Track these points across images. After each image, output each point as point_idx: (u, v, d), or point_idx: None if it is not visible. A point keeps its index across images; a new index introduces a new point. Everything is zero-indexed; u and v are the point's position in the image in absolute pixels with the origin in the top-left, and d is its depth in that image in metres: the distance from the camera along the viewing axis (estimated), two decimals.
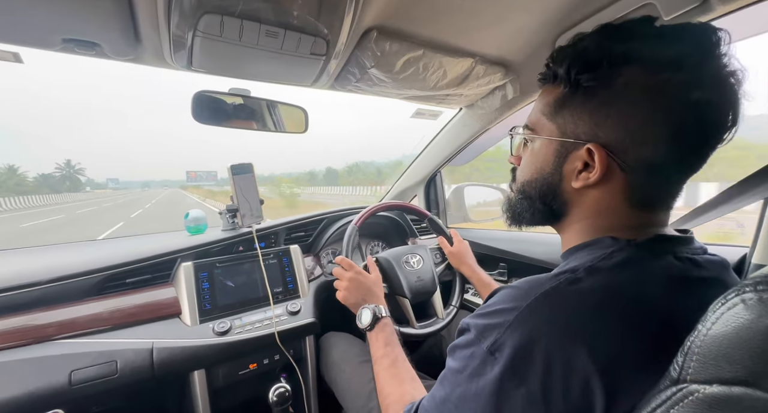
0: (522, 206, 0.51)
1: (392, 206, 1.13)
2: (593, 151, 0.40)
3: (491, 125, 1.14)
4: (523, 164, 0.51)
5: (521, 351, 0.34)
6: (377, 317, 0.77)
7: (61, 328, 0.75)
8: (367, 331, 0.77)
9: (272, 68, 0.67)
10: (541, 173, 0.46)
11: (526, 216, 0.51)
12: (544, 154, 0.46)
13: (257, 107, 0.84)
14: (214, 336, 0.87)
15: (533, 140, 0.48)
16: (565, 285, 0.37)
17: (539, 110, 0.47)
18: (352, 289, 0.83)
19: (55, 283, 0.78)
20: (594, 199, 0.43)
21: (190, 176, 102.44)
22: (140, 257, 0.89)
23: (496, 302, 0.41)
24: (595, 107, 0.40)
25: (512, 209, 0.53)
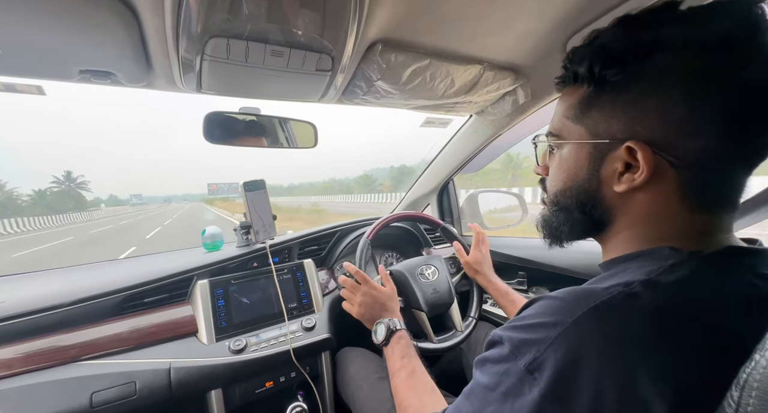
0: (558, 219, 0.47)
1: (404, 217, 1.11)
2: (635, 149, 0.36)
3: (503, 130, 1.11)
4: (552, 174, 0.48)
5: (566, 373, 0.31)
6: (392, 330, 0.74)
7: (83, 349, 0.76)
8: (383, 346, 0.75)
9: (279, 86, 0.68)
10: (575, 179, 0.43)
11: (564, 230, 0.47)
12: (575, 159, 0.43)
13: (268, 124, 0.85)
14: (230, 354, 0.86)
15: (560, 146, 0.45)
16: (620, 300, 0.33)
17: (562, 114, 0.44)
18: (366, 304, 0.81)
19: (77, 305, 0.80)
20: (643, 203, 0.39)
21: (212, 189, 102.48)
22: (157, 277, 0.91)
23: (535, 315, 0.38)
24: (628, 102, 0.37)
25: (548, 225, 0.49)
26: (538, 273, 1.22)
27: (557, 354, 0.32)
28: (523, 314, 0.40)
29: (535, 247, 1.29)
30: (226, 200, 69.26)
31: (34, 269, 0.99)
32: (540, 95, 0.91)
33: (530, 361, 0.34)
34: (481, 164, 1.49)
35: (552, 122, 0.47)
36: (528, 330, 0.36)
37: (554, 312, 0.36)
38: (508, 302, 0.91)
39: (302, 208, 41.01)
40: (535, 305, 0.40)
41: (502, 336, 0.39)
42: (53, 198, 76.81)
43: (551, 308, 0.37)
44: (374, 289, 0.82)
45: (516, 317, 0.42)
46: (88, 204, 62.06)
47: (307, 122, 0.90)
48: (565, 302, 0.36)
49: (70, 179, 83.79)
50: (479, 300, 1.06)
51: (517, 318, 0.41)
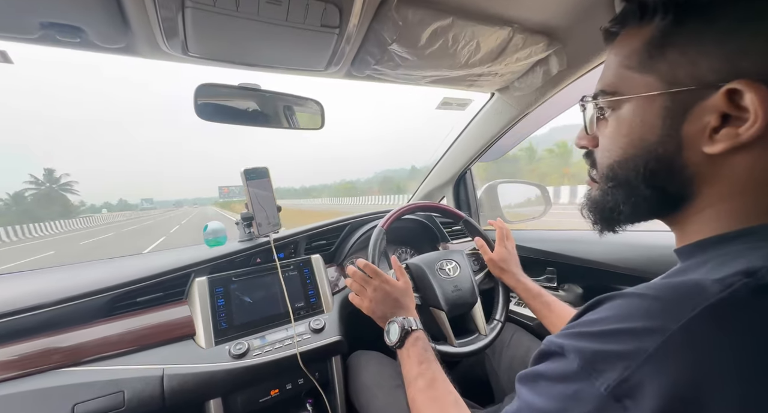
0: (615, 197, 0.37)
1: (422, 207, 1.00)
2: (741, 92, 0.27)
3: (531, 108, 1.00)
4: (605, 143, 0.38)
5: (680, 403, 0.23)
6: (407, 330, 0.65)
7: (66, 355, 0.68)
8: (397, 349, 0.65)
9: (279, 49, 0.58)
10: (642, 145, 0.34)
11: (624, 211, 0.37)
12: (642, 119, 0.33)
13: (268, 102, 0.75)
14: (230, 359, 0.77)
15: (617, 106, 0.35)
16: (748, 295, 0.24)
17: (619, 64, 0.35)
18: (377, 300, 0.72)
19: (61, 305, 0.72)
20: (746, 167, 0.29)
21: (223, 192, 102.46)
22: (151, 274, 0.82)
23: (614, 318, 0.28)
24: (725, 30, 0.28)
25: (600, 206, 0.40)
26: (569, 269, 1.10)
27: (661, 375, 0.24)
28: (591, 317, 0.31)
29: (565, 240, 1.17)
30: (241, 203, 76.46)
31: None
32: (577, 63, 0.79)
33: (615, 383, 0.25)
34: (502, 150, 1.37)
35: (603, 78, 0.38)
36: (605, 338, 0.28)
37: (646, 314, 0.27)
38: (542, 304, 0.80)
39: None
40: (609, 305, 0.31)
41: (564, 345, 0.30)
42: (33, 202, 56.75)
43: (639, 309, 0.27)
44: (386, 283, 0.73)
45: (580, 320, 0.32)
46: (77, 209, 47.91)
47: (312, 99, 0.81)
48: (661, 301, 0.27)
49: (52, 179, 63.68)
50: (506, 301, 0.95)
51: (583, 321, 0.31)
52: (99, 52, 0.53)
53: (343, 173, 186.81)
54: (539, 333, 1.03)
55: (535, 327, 1.11)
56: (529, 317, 1.16)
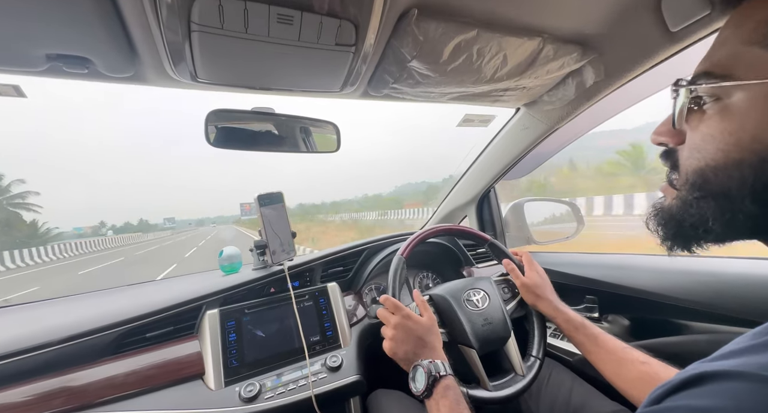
0: (701, 211, 0.30)
1: (444, 231, 0.93)
2: None
3: (561, 123, 0.92)
4: (696, 140, 0.31)
5: None
6: (435, 377, 0.56)
7: (68, 399, 0.64)
8: (424, 398, 0.57)
9: (292, 71, 0.55)
10: (756, 147, 0.26)
11: (713, 228, 0.29)
12: (763, 112, 0.25)
13: (283, 125, 0.72)
14: (240, 403, 0.71)
15: (728, 93, 0.28)
16: None
17: (740, 39, 0.27)
18: (399, 339, 0.64)
19: (65, 344, 0.68)
20: None
21: (245, 209, 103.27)
22: (160, 307, 0.78)
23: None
24: None
25: (676, 220, 0.32)
26: (613, 298, 0.98)
27: None
28: (696, 401, 0.23)
29: (607, 264, 1.06)
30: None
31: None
32: (616, 72, 0.72)
33: None
34: (528, 167, 1.29)
35: (711, 57, 0.30)
36: None
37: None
38: (587, 338, 0.70)
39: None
40: (721, 386, 0.23)
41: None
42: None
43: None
44: (409, 319, 0.65)
45: (676, 402, 0.24)
46: (45, 235, 37.11)
47: (328, 121, 0.77)
48: None
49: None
50: (542, 334, 0.84)
51: (687, 406, 0.23)
52: (107, 82, 0.51)
53: (361, 189, 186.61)
54: (582, 371, 0.91)
55: (575, 363, 0.99)
56: (567, 351, 1.04)
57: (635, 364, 0.59)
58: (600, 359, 0.65)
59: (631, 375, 0.58)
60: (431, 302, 0.80)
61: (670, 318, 0.87)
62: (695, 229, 0.31)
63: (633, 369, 0.59)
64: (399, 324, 0.65)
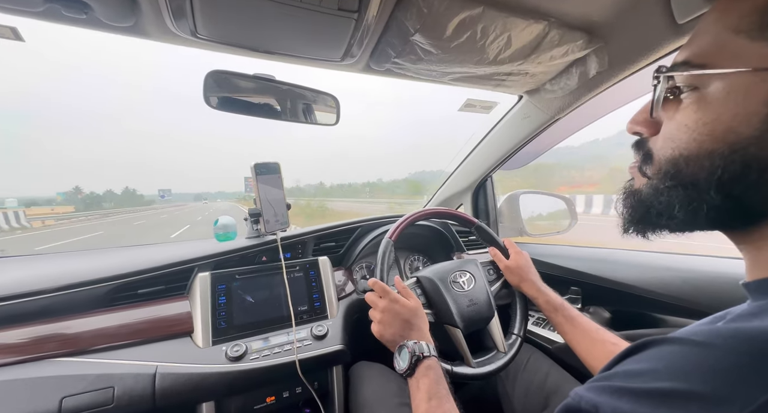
0: (669, 200, 0.30)
1: (432, 214, 0.94)
2: None
3: (562, 113, 0.92)
4: (671, 130, 0.31)
5: None
6: (418, 357, 0.59)
7: (61, 344, 0.66)
8: (406, 377, 0.59)
9: (292, 34, 0.55)
10: (729, 138, 0.26)
11: (677, 216, 0.30)
12: (739, 104, 0.26)
13: (283, 94, 0.72)
14: (226, 361, 0.73)
15: (706, 82, 0.28)
16: None
17: (725, 27, 0.27)
18: (386, 322, 0.66)
19: (59, 292, 0.71)
20: None
21: (249, 185, 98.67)
22: (154, 266, 0.80)
23: (668, 373, 0.23)
24: None
25: (644, 206, 0.33)
26: (596, 290, 1.00)
27: None
28: (632, 366, 0.25)
29: (593, 258, 1.08)
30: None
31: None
32: (619, 64, 0.71)
33: None
34: (526, 158, 1.29)
35: (693, 45, 0.30)
36: (655, 400, 0.22)
37: (713, 372, 0.21)
38: (565, 318, 0.72)
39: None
40: (656, 352, 0.25)
41: (599, 405, 0.24)
42: None
43: (703, 364, 0.22)
44: (396, 303, 0.67)
45: (618, 370, 0.26)
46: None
47: (328, 94, 0.77)
48: (736, 357, 0.21)
49: None
50: (524, 314, 0.87)
51: (623, 372, 0.26)
52: (105, 31, 0.51)
53: (376, 174, 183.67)
54: (560, 358, 0.94)
55: (554, 351, 1.02)
56: (548, 339, 1.07)
57: (606, 345, 0.62)
58: (575, 339, 0.68)
59: (602, 355, 0.61)
60: (418, 284, 0.82)
61: (649, 312, 0.90)
62: (660, 216, 0.32)
63: (603, 349, 0.61)
64: (386, 308, 0.66)
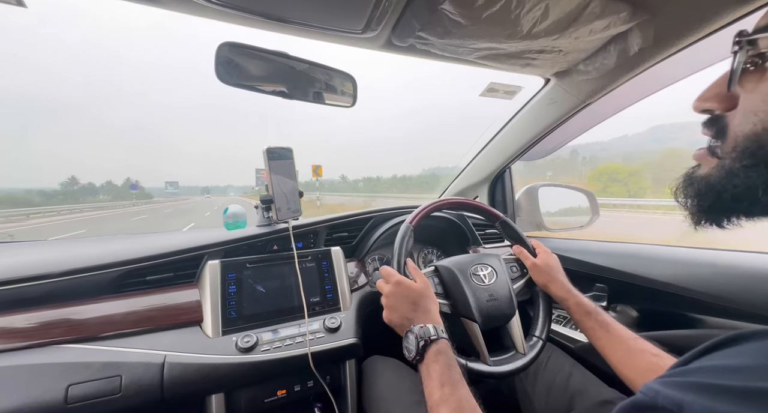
0: (752, 180, 0.26)
1: (456, 204, 0.89)
2: None
3: (594, 97, 0.86)
4: (753, 103, 0.27)
5: None
6: (426, 341, 0.55)
7: (68, 330, 0.64)
8: (416, 363, 0.55)
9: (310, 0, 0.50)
10: None
11: (763, 200, 0.26)
12: None
13: (297, 71, 0.68)
14: (236, 352, 0.71)
15: None
16: None
17: None
18: (392, 305, 0.62)
19: (69, 276, 0.68)
20: None
21: (261, 177, 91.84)
22: (162, 252, 0.77)
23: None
24: None
25: (716, 189, 0.29)
26: (623, 287, 0.95)
27: None
28: (724, 361, 0.22)
29: (619, 253, 1.02)
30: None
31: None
32: (666, 39, 0.65)
33: None
34: (550, 147, 1.23)
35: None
36: (759, 401, 0.18)
37: None
38: (598, 324, 0.67)
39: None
40: (755, 347, 0.22)
41: (684, 403, 0.20)
42: None
43: None
44: (400, 284, 0.63)
45: (704, 364, 0.23)
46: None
47: (345, 73, 0.72)
48: None
49: None
50: (547, 316, 0.82)
51: (713, 367, 0.22)
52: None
53: (392, 169, 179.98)
54: (583, 358, 0.89)
55: (576, 350, 0.97)
56: (569, 337, 1.02)
57: (645, 355, 0.57)
58: (609, 346, 0.63)
59: (641, 366, 0.56)
60: (436, 273, 0.78)
61: (683, 311, 0.84)
62: (738, 201, 0.28)
63: (643, 359, 0.57)
64: (392, 291, 0.63)
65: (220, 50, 0.57)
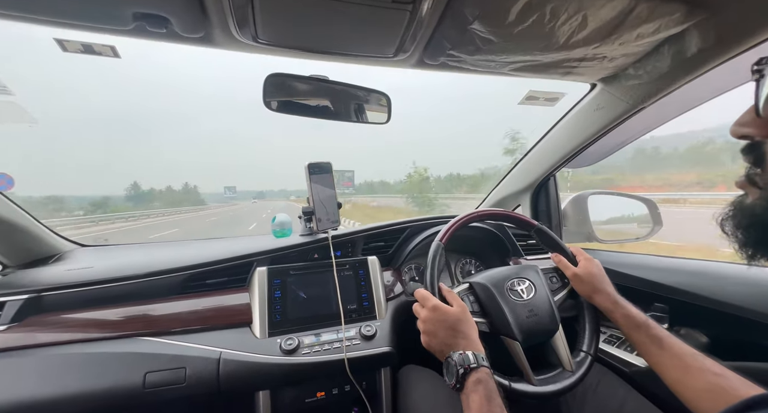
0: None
1: (485, 215, 0.87)
2: None
3: (645, 103, 0.79)
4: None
5: None
6: (465, 369, 0.54)
7: (145, 324, 0.75)
8: (456, 391, 0.55)
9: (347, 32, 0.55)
10: None
11: None
12: None
13: (337, 94, 0.73)
14: (281, 354, 0.77)
15: None
16: None
17: None
18: (430, 331, 0.62)
19: (148, 278, 0.80)
20: None
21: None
22: (218, 258, 0.87)
23: None
24: None
25: (759, 222, 0.28)
26: (689, 309, 0.85)
27: None
28: None
29: (686, 270, 0.92)
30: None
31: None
32: (731, 37, 0.58)
33: None
34: (595, 157, 1.15)
35: None
36: None
37: None
38: (650, 338, 0.62)
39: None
40: None
41: None
42: None
43: None
44: (437, 310, 0.63)
45: None
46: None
47: (379, 91, 0.76)
48: None
49: None
50: (594, 329, 0.76)
51: None
52: (181, 43, 0.56)
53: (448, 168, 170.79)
54: (640, 384, 0.81)
55: (632, 375, 0.89)
56: (623, 360, 0.93)
57: (706, 374, 0.51)
58: (663, 363, 0.58)
59: (700, 385, 0.51)
60: (471, 290, 0.77)
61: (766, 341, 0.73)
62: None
63: (703, 378, 0.51)
64: (428, 318, 0.63)
65: (267, 81, 0.64)
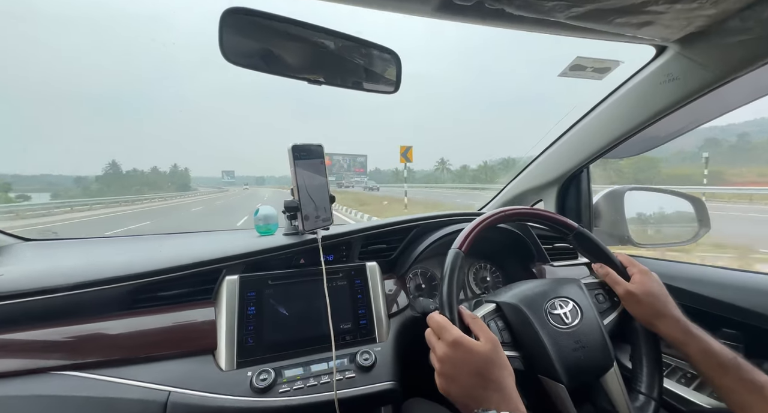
0: None
1: (517, 215, 0.68)
2: None
3: (741, 71, 0.59)
4: None
5: None
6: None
7: (67, 354, 0.57)
8: None
9: None
10: None
11: None
12: None
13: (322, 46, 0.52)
14: (250, 393, 0.59)
15: None
16: None
17: None
18: (448, 374, 0.45)
19: (80, 290, 0.61)
20: None
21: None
22: (177, 264, 0.68)
23: None
24: None
25: None
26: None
27: None
28: None
29: (759, 289, 0.73)
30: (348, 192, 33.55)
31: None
32: None
33: None
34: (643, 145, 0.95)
35: None
36: None
37: None
38: (742, 384, 0.46)
39: None
40: None
41: None
42: None
43: None
44: (458, 347, 0.45)
45: None
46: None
47: (385, 48, 0.55)
48: None
49: None
50: (656, 365, 0.59)
51: None
52: None
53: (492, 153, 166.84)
54: None
55: None
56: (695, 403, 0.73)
57: None
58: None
59: None
60: (498, 313, 0.58)
61: None
62: None
63: None
64: (447, 355, 0.45)
65: (225, 20, 0.43)
